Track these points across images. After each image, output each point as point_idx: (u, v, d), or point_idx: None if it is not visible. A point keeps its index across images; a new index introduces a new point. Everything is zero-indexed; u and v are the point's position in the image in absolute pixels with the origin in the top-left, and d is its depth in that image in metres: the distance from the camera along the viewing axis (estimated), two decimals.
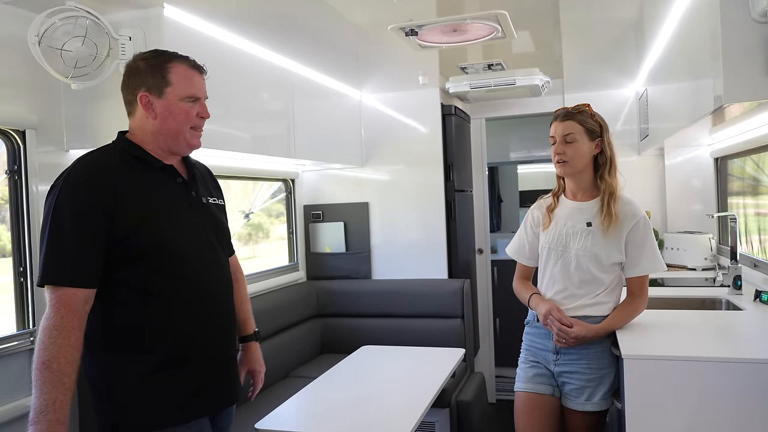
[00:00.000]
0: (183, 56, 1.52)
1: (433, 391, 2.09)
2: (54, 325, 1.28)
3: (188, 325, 1.46)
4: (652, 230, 1.96)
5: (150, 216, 1.42)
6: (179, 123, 1.48)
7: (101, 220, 1.35)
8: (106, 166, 1.41)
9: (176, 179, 1.53)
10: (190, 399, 1.45)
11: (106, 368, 1.41)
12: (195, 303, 1.48)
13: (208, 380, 1.50)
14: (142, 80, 1.46)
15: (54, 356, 1.26)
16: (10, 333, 1.95)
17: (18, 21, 1.95)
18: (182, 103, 1.48)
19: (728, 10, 1.56)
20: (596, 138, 1.94)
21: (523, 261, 2.12)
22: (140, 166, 1.47)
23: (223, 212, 1.69)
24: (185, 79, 1.49)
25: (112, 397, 1.41)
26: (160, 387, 1.42)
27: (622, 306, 1.96)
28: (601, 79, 3.65)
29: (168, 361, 1.42)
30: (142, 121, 1.48)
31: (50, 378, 1.25)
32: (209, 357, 1.50)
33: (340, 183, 3.81)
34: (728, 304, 2.52)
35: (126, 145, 1.48)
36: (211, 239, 1.55)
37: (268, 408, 2.04)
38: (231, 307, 1.62)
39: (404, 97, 3.68)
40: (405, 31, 2.43)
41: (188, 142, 1.52)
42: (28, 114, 2.01)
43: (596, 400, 1.89)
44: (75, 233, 1.33)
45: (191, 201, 1.54)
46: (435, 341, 3.26)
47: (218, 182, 1.75)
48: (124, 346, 1.40)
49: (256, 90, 2.69)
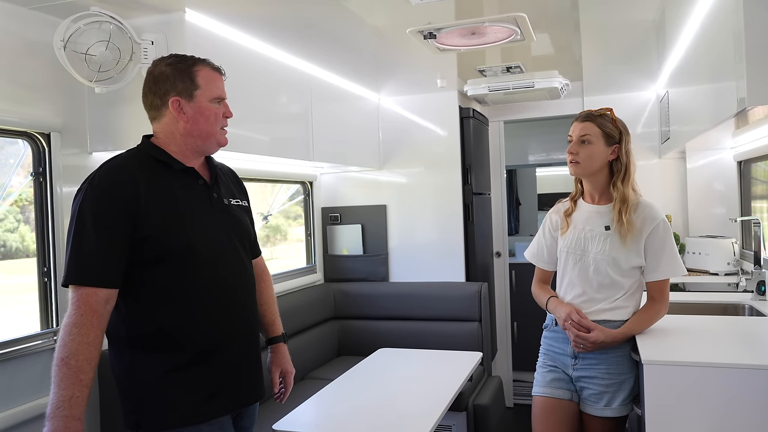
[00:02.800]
0: (204, 59, 1.56)
1: (450, 395, 2.08)
2: (74, 323, 1.31)
3: (209, 326, 1.48)
4: (672, 234, 1.94)
5: (172, 218, 1.45)
6: (211, 124, 1.53)
7: (124, 222, 1.39)
8: (130, 170, 1.44)
9: (198, 181, 1.55)
10: (211, 398, 1.47)
11: (129, 366, 1.44)
12: (216, 304, 1.50)
13: (229, 380, 1.52)
14: (171, 85, 1.49)
15: (72, 353, 1.29)
16: (34, 332, 1.99)
17: (44, 26, 1.99)
18: (211, 104, 1.52)
19: (752, 12, 1.53)
20: (613, 144, 1.92)
21: (541, 265, 2.11)
22: (163, 169, 1.50)
23: (247, 213, 1.71)
24: (211, 82, 1.53)
25: (135, 394, 1.44)
26: (181, 385, 1.44)
27: (642, 311, 1.93)
28: (622, 82, 3.61)
29: (189, 361, 1.45)
30: (170, 125, 1.51)
31: (68, 374, 1.28)
32: (230, 357, 1.52)
33: (358, 185, 3.82)
34: (751, 309, 2.47)
35: (150, 149, 1.52)
36: (232, 241, 1.57)
37: (286, 409, 2.05)
38: (253, 308, 1.64)
39: (422, 100, 3.68)
40: (423, 35, 2.43)
41: (218, 140, 1.57)
42: (53, 117, 2.05)
43: (615, 406, 1.87)
44: (98, 235, 1.36)
45: (213, 203, 1.56)
46: (452, 344, 3.25)
47: (243, 184, 1.78)
48: (147, 345, 1.43)
49: (275, 93, 2.71)
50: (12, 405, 1.87)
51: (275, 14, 2.23)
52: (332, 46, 2.67)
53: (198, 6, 2.08)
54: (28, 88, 1.98)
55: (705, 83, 2.13)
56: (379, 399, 2.16)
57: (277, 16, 2.25)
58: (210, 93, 1.52)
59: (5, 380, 1.87)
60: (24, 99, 1.97)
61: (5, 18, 1.91)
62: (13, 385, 1.89)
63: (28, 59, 1.98)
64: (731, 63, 1.67)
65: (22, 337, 1.94)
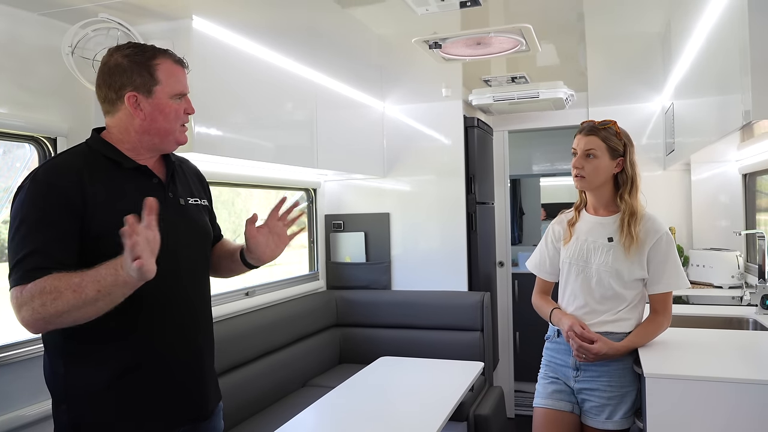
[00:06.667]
0: (164, 50, 1.45)
1: (451, 405, 2.07)
2: (26, 301, 1.20)
3: (153, 335, 1.39)
4: (675, 247, 1.93)
5: (117, 220, 1.27)
6: (170, 121, 1.43)
7: (69, 218, 1.29)
8: (75, 168, 1.34)
9: (152, 180, 1.45)
10: (151, 412, 1.39)
11: (64, 377, 1.34)
12: (162, 311, 1.40)
13: (173, 393, 1.42)
14: (127, 79, 1.38)
15: (62, 306, 1.18)
16: (31, 337, 1.98)
17: (52, 32, 2.01)
18: (171, 101, 1.42)
19: (757, 25, 1.54)
20: (618, 157, 1.92)
21: (543, 276, 2.10)
22: (112, 167, 1.40)
23: (205, 212, 1.60)
24: (172, 77, 1.42)
25: (70, 407, 1.34)
26: (120, 399, 1.35)
27: (645, 323, 1.93)
28: (627, 93, 3.62)
29: (129, 372, 1.36)
30: (124, 121, 1.41)
31: (73, 296, 1.18)
32: (174, 369, 1.43)
33: (362, 193, 3.82)
34: (755, 323, 2.46)
35: (99, 146, 1.41)
36: (186, 243, 1.47)
37: (285, 417, 2.05)
38: (204, 316, 1.54)
39: (427, 109, 3.69)
40: (429, 44, 2.44)
41: (177, 139, 1.46)
42: (60, 122, 2.06)
43: (617, 419, 1.85)
44: (44, 230, 1.26)
45: (167, 203, 1.44)
46: (454, 354, 3.24)
47: (206, 182, 1.68)
48: (84, 354, 1.34)
49: (280, 100, 2.72)
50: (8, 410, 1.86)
51: (282, 22, 2.24)
52: (338, 54, 2.68)
53: (205, 13, 2.10)
54: (35, 92, 2.00)
55: (710, 96, 2.13)
56: (380, 408, 2.15)
57: (284, 24, 2.26)
58: (170, 89, 1.41)
59: (2, 385, 1.85)
60: (31, 103, 1.98)
61: (14, 23, 1.93)
62: (10, 390, 1.88)
63: (36, 64, 1.99)
64: (737, 76, 1.68)
65: (20, 342, 1.93)
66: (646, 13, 2.24)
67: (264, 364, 2.86)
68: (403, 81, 3.22)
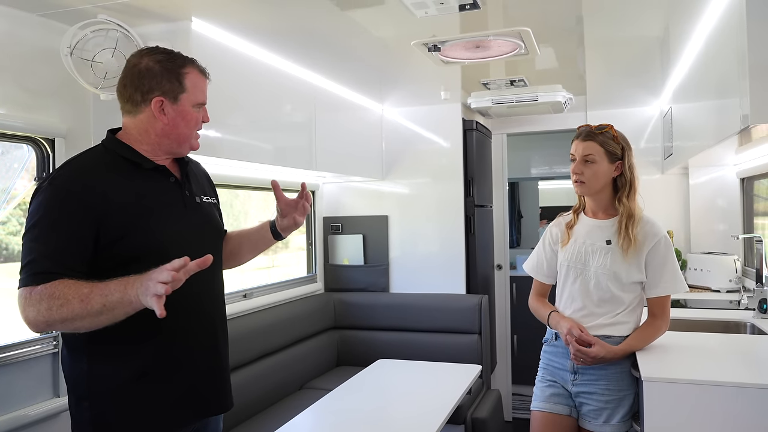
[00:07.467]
0: (192, 60, 1.50)
1: (449, 408, 2.07)
2: (38, 300, 1.23)
3: (177, 333, 1.42)
4: (674, 250, 1.93)
5: (140, 220, 1.38)
6: (190, 128, 1.49)
7: (84, 225, 1.31)
8: (94, 172, 1.37)
9: (169, 179, 1.51)
10: (171, 408, 1.42)
11: (87, 375, 1.37)
12: (186, 309, 1.43)
13: (190, 389, 1.46)
14: (157, 83, 1.42)
15: (67, 313, 1.21)
16: (34, 337, 1.98)
17: (51, 33, 2.01)
18: (193, 109, 1.48)
19: (755, 29, 1.54)
20: (616, 160, 1.92)
21: (540, 278, 2.10)
22: (132, 169, 1.43)
23: (216, 210, 1.68)
24: (197, 86, 1.49)
25: (92, 405, 1.36)
26: (141, 396, 1.38)
27: (643, 327, 1.93)
28: (625, 97, 3.62)
29: (149, 369, 1.39)
30: (146, 123, 1.45)
31: (79, 306, 1.21)
32: (192, 365, 1.46)
33: (360, 196, 3.82)
34: (753, 328, 2.46)
35: (118, 148, 1.45)
36: (204, 243, 1.51)
37: (283, 419, 2.04)
38: (219, 314, 1.59)
39: (426, 112, 3.69)
40: (428, 47, 2.45)
41: (192, 145, 1.53)
42: (58, 123, 2.06)
43: (615, 422, 1.85)
44: (58, 235, 1.29)
45: (185, 201, 1.52)
46: (451, 357, 3.24)
47: (212, 181, 1.74)
48: (109, 353, 1.36)
49: (279, 102, 2.72)
50: (11, 409, 1.86)
51: (281, 24, 2.24)
52: (337, 56, 2.68)
53: (204, 15, 2.10)
54: (34, 93, 2.00)
55: (708, 100, 2.14)
56: (378, 410, 2.14)
57: (283, 26, 2.26)
58: (195, 98, 1.47)
59: (4, 385, 1.86)
60: (30, 104, 1.98)
61: (13, 24, 1.92)
62: (12, 389, 1.89)
63: (35, 65, 1.99)
64: (735, 80, 1.68)
65: (23, 342, 1.93)
66: (645, 17, 2.24)
67: (262, 366, 2.85)
68: (401, 84, 3.23)
